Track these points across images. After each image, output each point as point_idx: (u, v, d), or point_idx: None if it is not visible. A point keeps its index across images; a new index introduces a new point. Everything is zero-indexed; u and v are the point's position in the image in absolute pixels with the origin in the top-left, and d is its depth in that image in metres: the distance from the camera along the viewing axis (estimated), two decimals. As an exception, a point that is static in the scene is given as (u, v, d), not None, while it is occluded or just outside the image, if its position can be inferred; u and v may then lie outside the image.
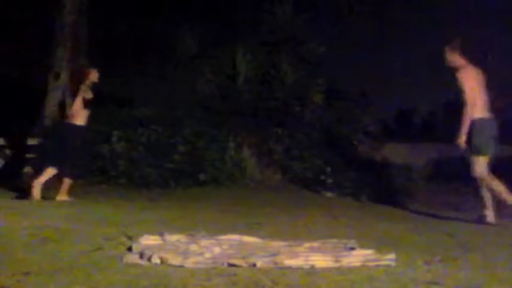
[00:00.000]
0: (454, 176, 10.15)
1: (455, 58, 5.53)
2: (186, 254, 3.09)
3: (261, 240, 3.64)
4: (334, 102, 10.33)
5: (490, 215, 5.47)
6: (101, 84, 6.46)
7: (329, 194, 8.22)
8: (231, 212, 5.69)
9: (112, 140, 8.50)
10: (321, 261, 2.97)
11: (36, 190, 6.12)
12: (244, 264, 2.89)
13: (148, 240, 3.48)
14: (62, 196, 6.17)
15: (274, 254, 3.10)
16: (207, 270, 2.79)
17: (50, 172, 6.22)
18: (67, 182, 6.25)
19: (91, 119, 6.35)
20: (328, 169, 8.69)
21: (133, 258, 3.04)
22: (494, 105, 5.61)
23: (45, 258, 2.99)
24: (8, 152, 8.89)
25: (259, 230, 4.21)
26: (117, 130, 8.61)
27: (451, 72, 5.49)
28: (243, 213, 5.65)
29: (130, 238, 3.60)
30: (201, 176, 8.22)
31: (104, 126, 8.75)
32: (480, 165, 5.53)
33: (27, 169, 8.82)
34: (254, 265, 2.88)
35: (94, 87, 6.41)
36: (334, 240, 3.65)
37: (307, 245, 3.44)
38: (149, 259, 2.96)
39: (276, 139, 9.21)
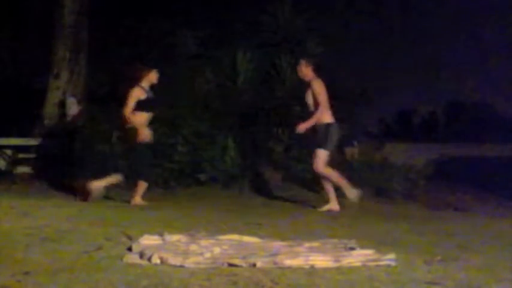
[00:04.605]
0: (454, 176, 10.17)
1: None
2: (186, 254, 3.09)
3: (261, 240, 3.64)
4: (334, 102, 10.30)
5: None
6: (101, 84, 6.44)
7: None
8: (231, 212, 5.70)
9: (112, 140, 8.49)
10: (321, 261, 2.97)
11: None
12: (244, 264, 2.89)
13: (149, 240, 3.48)
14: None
15: (274, 254, 3.10)
16: (207, 270, 2.79)
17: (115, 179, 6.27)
18: (142, 185, 6.23)
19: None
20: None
21: (133, 258, 3.04)
22: None
23: (45, 258, 2.99)
24: (8, 152, 8.89)
25: (259, 230, 4.21)
26: (117, 130, 8.60)
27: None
28: (243, 213, 5.65)
29: (130, 238, 3.60)
30: (201, 176, 8.22)
31: (104, 126, 8.74)
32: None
33: (27, 169, 8.83)
34: (254, 265, 2.88)
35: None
36: (334, 240, 3.65)
37: (307, 245, 3.44)
38: (149, 259, 2.96)
39: (276, 139, 9.20)
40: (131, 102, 6.09)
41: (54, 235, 3.69)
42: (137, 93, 6.13)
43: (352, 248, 3.36)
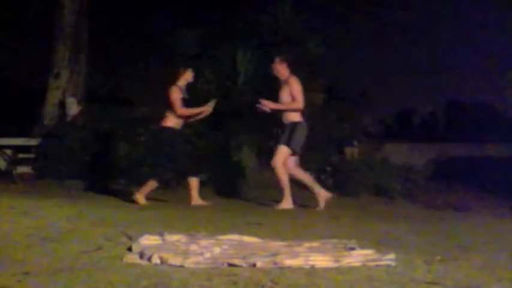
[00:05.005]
0: (454, 176, 10.18)
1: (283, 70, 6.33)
2: (186, 254, 3.09)
3: (261, 240, 3.64)
4: (334, 102, 10.33)
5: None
6: (101, 84, 6.45)
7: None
8: (231, 212, 5.70)
9: (112, 140, 8.50)
10: (321, 261, 2.97)
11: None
12: (244, 264, 2.89)
13: (149, 240, 3.47)
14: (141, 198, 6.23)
15: (274, 254, 3.10)
16: (207, 270, 2.79)
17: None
18: (152, 184, 6.29)
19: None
20: (328, 169, 8.69)
21: (133, 258, 3.04)
22: None
23: (45, 258, 2.99)
24: (8, 152, 8.90)
25: (259, 230, 4.21)
26: (117, 130, 8.61)
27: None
28: (243, 213, 5.65)
29: (130, 238, 3.60)
30: (201, 176, 8.22)
31: (104, 125, 8.75)
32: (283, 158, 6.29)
33: (27, 169, 8.83)
34: (254, 265, 2.88)
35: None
36: (334, 240, 3.65)
37: (307, 245, 3.44)
38: (149, 259, 2.96)
39: (276, 139, 9.20)
40: (177, 101, 6.25)
41: (54, 235, 3.68)
42: (177, 93, 6.28)
43: (352, 248, 3.36)
